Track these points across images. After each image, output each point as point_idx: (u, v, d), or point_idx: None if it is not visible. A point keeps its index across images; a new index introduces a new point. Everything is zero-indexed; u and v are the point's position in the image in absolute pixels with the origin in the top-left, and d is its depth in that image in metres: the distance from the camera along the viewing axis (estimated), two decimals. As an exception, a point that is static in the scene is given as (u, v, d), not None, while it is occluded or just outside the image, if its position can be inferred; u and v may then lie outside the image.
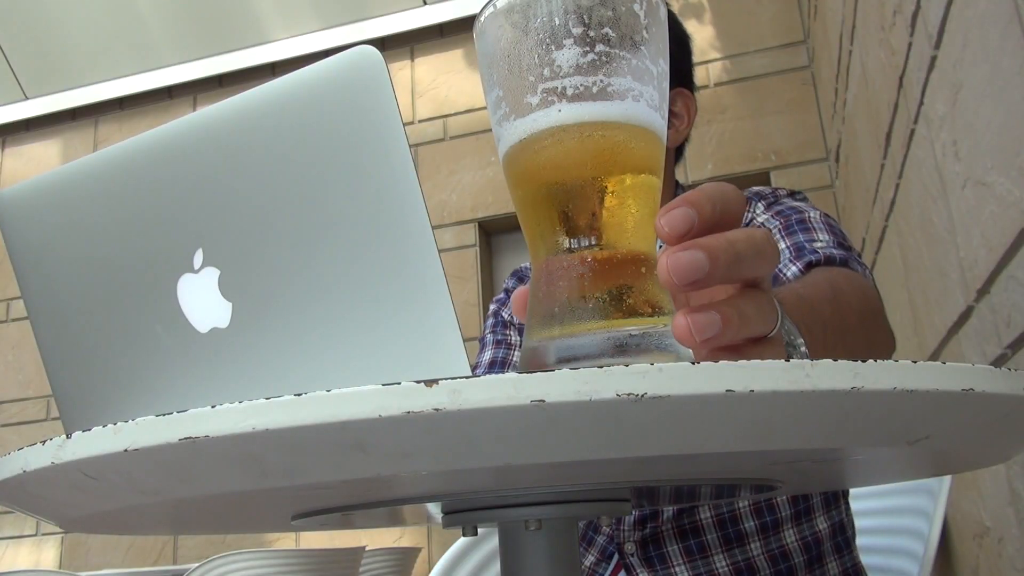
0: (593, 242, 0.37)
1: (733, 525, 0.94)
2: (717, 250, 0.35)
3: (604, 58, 0.36)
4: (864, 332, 0.73)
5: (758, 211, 0.98)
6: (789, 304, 0.53)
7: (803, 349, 0.50)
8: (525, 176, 0.38)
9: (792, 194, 1.01)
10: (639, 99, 0.36)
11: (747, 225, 0.97)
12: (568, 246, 0.37)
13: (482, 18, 0.38)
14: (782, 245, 0.89)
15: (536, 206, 0.38)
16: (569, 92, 0.36)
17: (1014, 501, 1.09)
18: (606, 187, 0.37)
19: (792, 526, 0.95)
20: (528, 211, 0.39)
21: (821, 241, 0.88)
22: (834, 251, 0.85)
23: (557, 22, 0.36)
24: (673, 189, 1.07)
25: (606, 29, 0.36)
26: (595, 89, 0.35)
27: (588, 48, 0.36)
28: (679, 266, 0.35)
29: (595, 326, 0.36)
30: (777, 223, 0.93)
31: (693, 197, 0.36)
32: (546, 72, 0.36)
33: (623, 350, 0.36)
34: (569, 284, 0.37)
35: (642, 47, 0.37)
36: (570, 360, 0.36)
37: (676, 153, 1.07)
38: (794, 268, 0.84)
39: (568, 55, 0.36)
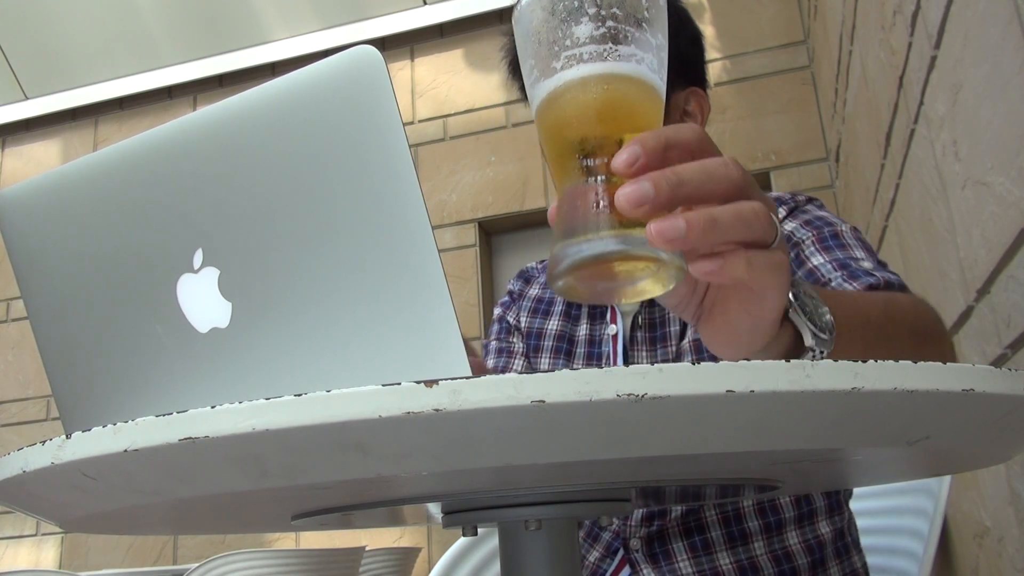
0: (605, 172, 0.45)
1: (737, 523, 0.94)
2: (660, 178, 0.42)
3: (612, 31, 0.45)
4: (916, 350, 0.65)
5: (780, 215, 0.98)
6: (827, 294, 0.55)
7: (827, 318, 0.52)
8: (551, 122, 0.47)
9: (810, 200, 1.01)
10: (641, 63, 0.45)
11: None
12: (585, 177, 0.45)
13: (520, 5, 0.48)
14: (820, 259, 0.89)
15: (561, 145, 0.46)
16: (585, 56, 0.45)
17: (1014, 501, 1.09)
18: (614, 127, 0.45)
19: (795, 528, 0.95)
20: (554, 151, 0.47)
21: (866, 261, 0.87)
22: (892, 277, 0.84)
23: (576, 4, 0.45)
24: None
25: (614, 9, 0.45)
26: (606, 54, 0.45)
27: (600, 24, 0.45)
28: (626, 195, 0.42)
29: (605, 234, 0.44)
30: (809, 235, 0.92)
31: (642, 136, 0.43)
32: (567, 43, 0.45)
33: (626, 247, 0.43)
34: (585, 204, 0.45)
35: (643, 24, 0.46)
36: (579, 263, 0.44)
37: None
38: (850, 286, 0.83)
39: (584, 29, 0.45)
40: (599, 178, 0.45)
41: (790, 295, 0.51)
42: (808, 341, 0.52)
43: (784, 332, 0.52)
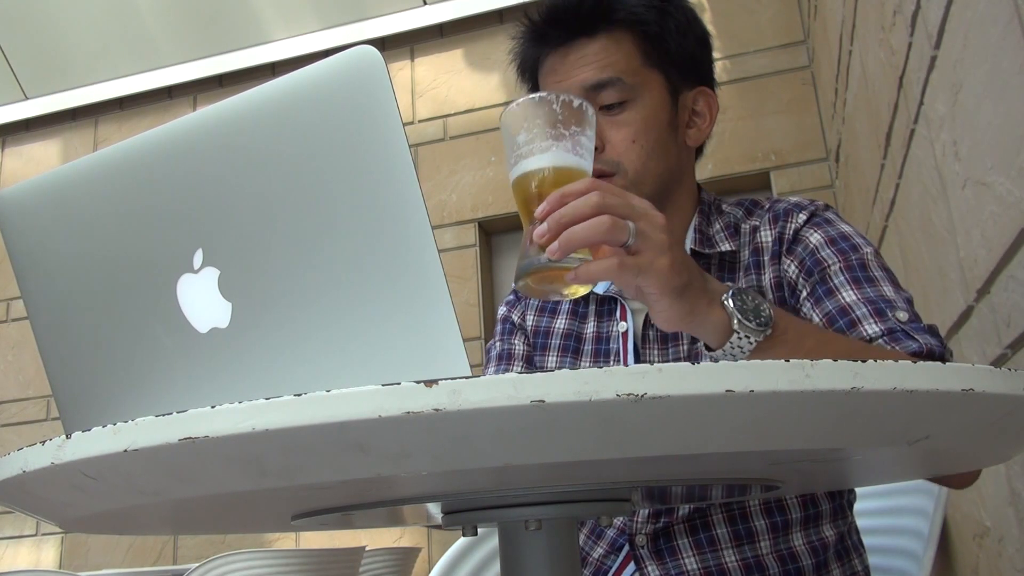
0: (541, 221, 0.69)
1: (743, 522, 0.94)
2: (550, 219, 0.66)
3: (536, 135, 0.72)
4: None
5: (800, 220, 0.98)
6: (797, 320, 0.78)
7: (765, 314, 0.72)
8: (515, 193, 0.74)
9: (827, 207, 1.00)
10: (557, 149, 0.72)
11: (794, 235, 0.97)
12: (531, 222, 0.70)
13: (501, 119, 0.75)
14: (852, 295, 0.88)
15: (520, 205, 0.74)
16: (524, 153, 0.72)
17: (1014, 501, 1.09)
18: (543, 193, 0.70)
19: (801, 529, 0.94)
20: (519, 209, 0.75)
21: (902, 311, 0.86)
22: (935, 346, 0.83)
23: (517, 123, 0.73)
24: (695, 189, 1.06)
25: (537, 120, 0.72)
26: (535, 150, 0.72)
27: (528, 132, 0.72)
28: (534, 233, 0.68)
29: (539, 256, 0.68)
30: (836, 260, 0.92)
31: (552, 193, 0.68)
32: (514, 146, 0.73)
33: (548, 263, 0.67)
34: (529, 238, 0.70)
35: (558, 123, 0.72)
36: (525, 273, 0.69)
37: (696, 152, 1.07)
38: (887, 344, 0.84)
39: (522, 137, 0.72)
40: (536, 223, 0.69)
41: (731, 291, 0.72)
42: (734, 324, 0.71)
43: (719, 315, 0.71)
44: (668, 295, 0.69)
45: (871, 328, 0.86)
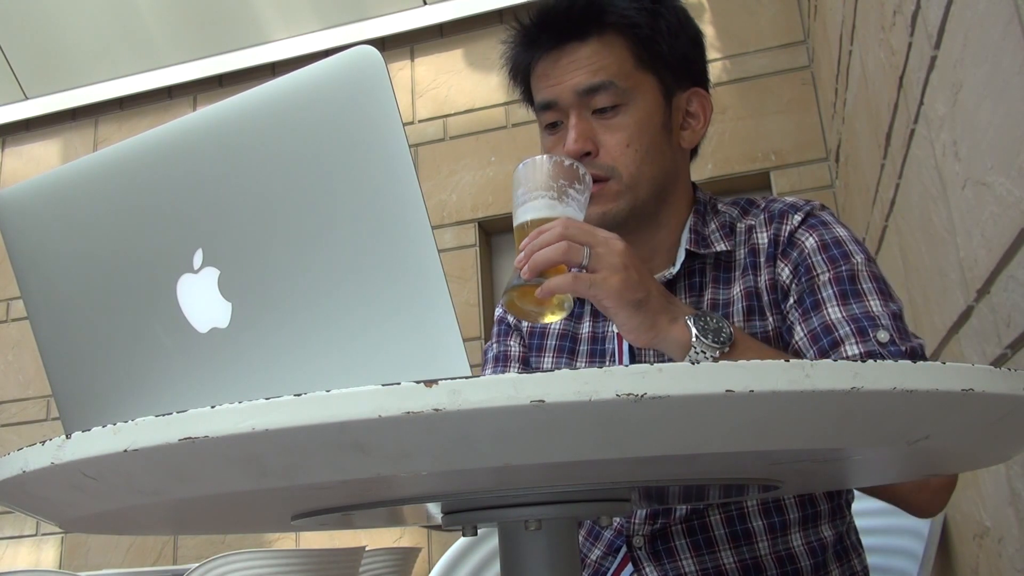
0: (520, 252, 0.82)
1: (741, 523, 0.94)
2: (528, 248, 0.79)
3: (531, 189, 0.85)
4: None
5: (795, 221, 0.97)
6: (760, 345, 0.88)
7: (726, 332, 0.80)
8: (515, 238, 0.86)
9: (822, 207, 1.00)
10: (547, 200, 0.85)
11: (789, 237, 0.96)
12: (519, 254, 0.82)
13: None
14: (838, 313, 0.88)
15: (516, 247, 0.84)
16: (520, 202, 0.86)
17: (1014, 501, 1.09)
18: (527, 233, 0.83)
19: (799, 530, 0.94)
20: (516, 249, 0.85)
21: (883, 331, 0.86)
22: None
23: (518, 180, 0.87)
24: (691, 189, 1.06)
25: (531, 180, 0.85)
26: (528, 201, 0.85)
27: (526, 188, 0.86)
28: (516, 260, 0.81)
29: (519, 278, 0.80)
30: (826, 270, 0.92)
31: (533, 231, 0.80)
32: (515, 197, 0.87)
33: (525, 282, 0.79)
34: (515, 267, 0.82)
35: (550, 181, 0.85)
36: (507, 289, 0.82)
37: (692, 152, 1.06)
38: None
39: (520, 191, 0.86)
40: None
41: (696, 313, 0.80)
42: (692, 340, 0.79)
43: (681, 332, 0.79)
44: (624, 308, 0.78)
45: (851, 349, 0.87)
